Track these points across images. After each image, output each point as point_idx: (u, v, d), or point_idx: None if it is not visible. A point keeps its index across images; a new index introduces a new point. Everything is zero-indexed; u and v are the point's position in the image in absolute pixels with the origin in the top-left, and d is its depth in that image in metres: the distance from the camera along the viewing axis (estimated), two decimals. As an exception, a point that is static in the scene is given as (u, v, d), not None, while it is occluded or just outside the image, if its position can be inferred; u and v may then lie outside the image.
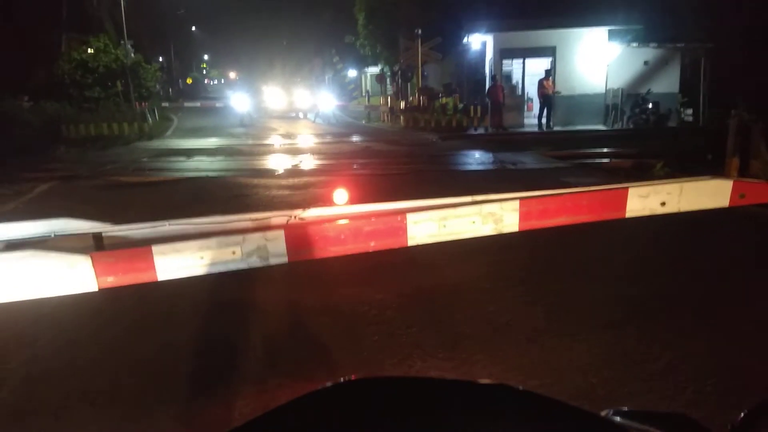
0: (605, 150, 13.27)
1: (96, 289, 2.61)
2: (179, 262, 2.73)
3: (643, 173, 9.30)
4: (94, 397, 2.94)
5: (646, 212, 3.14)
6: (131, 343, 3.61)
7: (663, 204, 3.12)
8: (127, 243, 3.06)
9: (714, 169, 8.03)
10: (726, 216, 4.68)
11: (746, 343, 3.41)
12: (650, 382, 2.97)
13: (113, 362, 3.34)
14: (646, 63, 19.40)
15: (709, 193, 3.21)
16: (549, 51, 19.40)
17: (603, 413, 0.75)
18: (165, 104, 29.57)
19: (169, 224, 3.15)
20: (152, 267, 2.69)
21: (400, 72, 24.92)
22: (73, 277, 2.59)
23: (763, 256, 5.28)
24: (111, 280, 2.67)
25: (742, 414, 0.75)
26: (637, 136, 15.75)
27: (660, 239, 5.54)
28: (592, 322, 3.71)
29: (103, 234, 3.02)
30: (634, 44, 18.98)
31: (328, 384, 0.66)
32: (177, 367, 3.24)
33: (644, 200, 3.15)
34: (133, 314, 3.99)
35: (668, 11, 17.93)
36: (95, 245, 2.98)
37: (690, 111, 19.25)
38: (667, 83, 19.39)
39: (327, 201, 3.33)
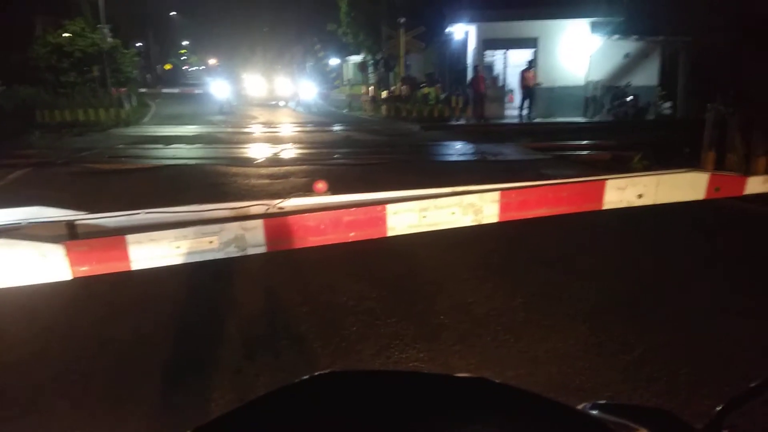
0: (585, 142, 13.38)
1: (70, 278, 2.57)
2: (155, 251, 2.69)
3: (622, 165, 9.40)
4: (67, 387, 2.90)
5: (624, 204, 3.18)
6: (105, 332, 3.55)
7: (640, 196, 3.16)
8: (102, 232, 3.00)
9: (691, 162, 8.16)
10: (702, 208, 4.76)
11: (720, 335, 3.48)
12: (624, 373, 3.01)
13: (87, 352, 3.29)
14: (626, 56, 19.57)
15: (685, 186, 3.26)
16: (531, 42, 19.45)
17: (580, 406, 0.75)
18: (143, 90, 29.10)
19: (145, 213, 3.10)
20: (127, 256, 2.65)
21: (382, 61, 24.80)
22: (46, 265, 2.54)
23: (737, 248, 5.38)
24: (85, 269, 2.62)
25: (717, 409, 0.75)
26: (616, 129, 15.91)
27: (636, 231, 5.61)
28: (568, 313, 3.75)
29: (77, 222, 2.97)
30: (616, 37, 19.11)
31: (305, 377, 0.65)
32: (152, 357, 3.20)
33: (622, 192, 3.18)
34: (107, 304, 3.93)
35: (649, 4, 18.07)
36: (69, 234, 2.93)
37: (668, 104, 19.49)
38: (647, 76, 19.59)
39: (307, 190, 3.31)
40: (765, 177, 3.36)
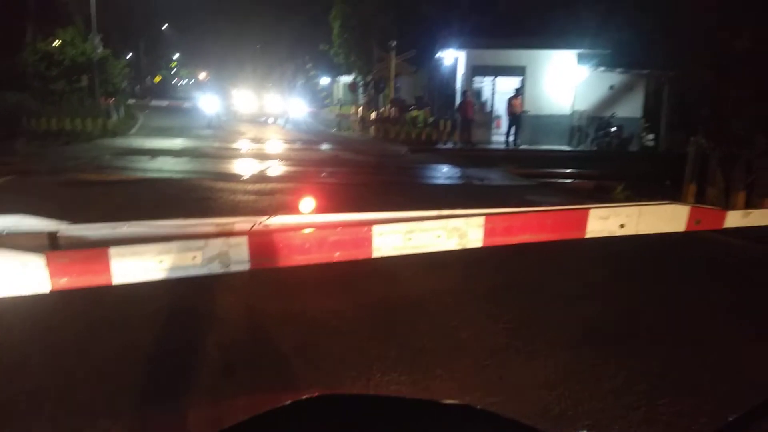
0: (569, 170, 13.56)
1: (49, 291, 2.52)
2: (137, 265, 2.66)
3: (604, 195, 9.54)
4: (42, 402, 2.83)
5: (606, 233, 3.21)
6: (83, 348, 3.49)
7: (622, 226, 3.19)
8: (84, 243, 2.96)
9: (672, 194, 8.30)
10: (682, 240, 4.83)
11: (699, 364, 3.51)
12: (604, 401, 3.02)
13: (64, 367, 3.23)
14: (611, 87, 19.98)
15: (666, 218, 3.30)
16: (519, 70, 19.79)
17: None
18: (131, 101, 28.98)
19: (129, 226, 3.07)
20: (109, 269, 2.61)
21: (372, 82, 25.03)
22: (25, 276, 2.49)
23: (716, 279, 5.46)
24: (65, 282, 2.57)
25: None
26: (599, 158, 16.16)
27: (618, 260, 5.67)
28: (550, 340, 3.77)
29: (59, 233, 2.92)
30: (601, 68, 19.52)
31: (293, 400, 0.65)
32: (129, 374, 3.15)
33: (604, 222, 3.22)
34: (86, 318, 3.86)
35: (635, 38, 18.51)
36: (50, 244, 2.88)
37: (651, 136, 19.89)
38: (631, 108, 20.00)
39: (293, 208, 3.31)
40: (744, 211, 3.42)
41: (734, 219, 3.39)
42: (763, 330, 4.11)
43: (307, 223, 3.22)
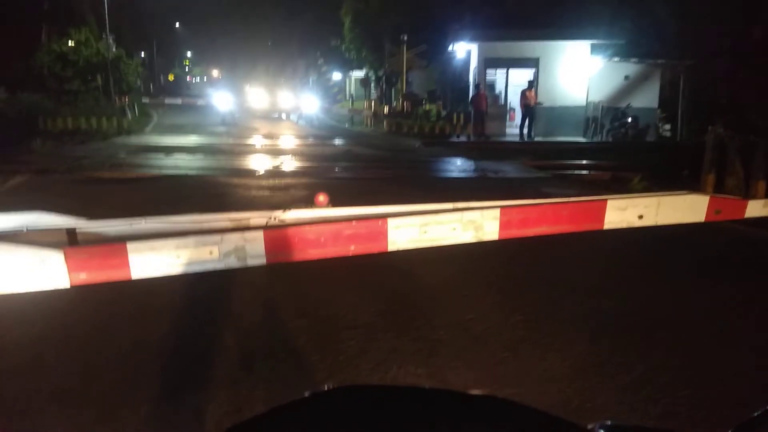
0: (585, 162, 13.44)
1: (68, 286, 2.55)
2: (155, 260, 2.68)
3: (622, 186, 9.43)
4: (62, 396, 2.87)
5: (624, 225, 3.18)
6: (102, 341, 3.53)
7: (640, 217, 3.16)
8: (102, 239, 2.99)
9: (690, 185, 8.18)
10: (702, 230, 4.77)
11: (718, 357, 3.47)
12: (623, 394, 2.99)
13: (83, 361, 3.27)
14: (626, 78, 19.72)
15: (685, 208, 3.26)
16: (532, 62, 19.61)
17: (590, 426, 0.75)
18: (145, 100, 29.23)
19: (146, 221, 3.09)
20: (126, 264, 2.64)
21: (384, 77, 24.99)
22: (44, 272, 2.53)
23: (737, 271, 5.38)
24: (83, 277, 2.60)
25: None
26: (616, 150, 15.98)
27: (637, 252, 5.61)
28: (568, 332, 3.74)
29: (77, 229, 2.96)
30: (616, 59, 19.28)
31: (306, 393, 0.65)
32: (148, 367, 3.18)
33: (622, 213, 3.18)
34: (105, 312, 3.91)
35: (650, 28, 18.26)
36: (69, 240, 2.92)
37: (668, 126, 19.62)
38: (647, 98, 19.73)
39: (308, 203, 3.31)
40: (765, 200, 3.36)
41: (755, 208, 3.33)
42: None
43: (322, 217, 3.22)
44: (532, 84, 18.99)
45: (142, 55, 41.35)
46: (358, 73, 31.89)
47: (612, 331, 3.80)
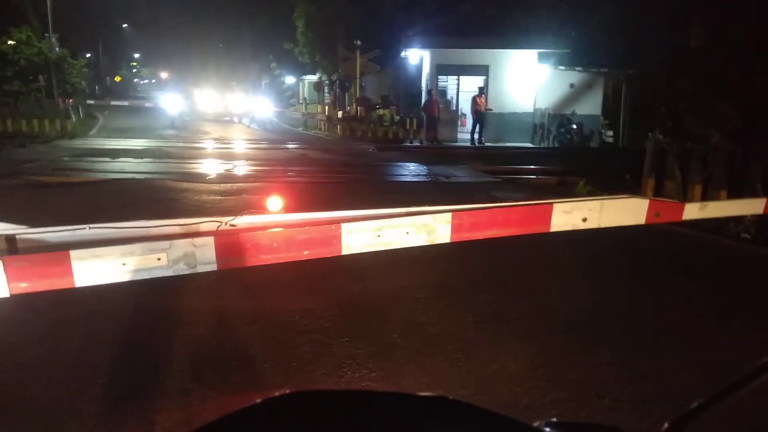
0: (532, 167, 13.78)
1: (7, 295, 2.45)
2: (100, 267, 2.60)
3: (567, 190, 9.73)
4: (1, 412, 2.75)
5: (569, 227, 3.28)
6: (45, 352, 3.39)
7: (585, 220, 3.27)
8: (44, 247, 2.89)
9: (632, 189, 8.51)
10: (642, 232, 4.97)
11: (661, 354, 3.62)
12: (571, 391, 3.09)
13: (23, 374, 3.13)
14: (571, 85, 20.38)
15: (627, 211, 3.39)
16: (482, 69, 20.01)
17: (536, 424, 0.77)
18: (90, 102, 28.20)
19: (90, 228, 3.00)
20: (70, 272, 2.55)
21: (338, 81, 24.96)
22: (-19, 281, 2.41)
23: (675, 271, 5.63)
24: (24, 286, 2.50)
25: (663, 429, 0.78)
26: (561, 155, 16.48)
27: (582, 253, 5.79)
28: (518, 333, 3.83)
29: (17, 237, 2.84)
30: (561, 67, 19.89)
31: (258, 400, 0.64)
32: (94, 379, 3.08)
33: (567, 216, 3.29)
34: (47, 322, 3.75)
35: (593, 37, 18.92)
36: (8, 249, 2.80)
37: (611, 133, 20.36)
38: (591, 106, 20.44)
39: (260, 208, 3.28)
40: (701, 204, 3.54)
41: (691, 211, 3.50)
42: (722, 318, 4.27)
43: (275, 222, 3.20)
44: (482, 90, 19.37)
45: (88, 56, 39.92)
46: (312, 77, 31.76)
47: (560, 330, 3.92)
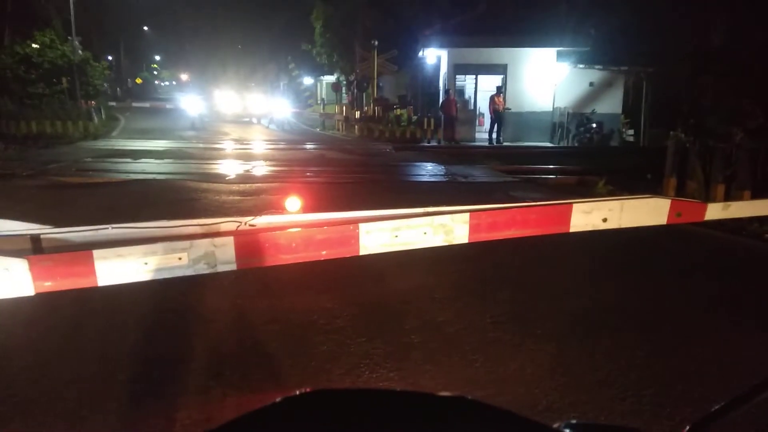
0: (551, 166, 13.67)
1: (32, 294, 2.50)
2: (122, 267, 2.65)
3: (587, 190, 9.63)
4: (26, 408, 2.80)
5: (589, 228, 3.26)
6: (68, 350, 3.46)
7: (605, 220, 3.24)
8: (67, 246, 2.94)
9: (653, 188, 8.41)
10: (664, 233, 4.91)
11: (682, 356, 3.57)
12: (590, 393, 3.06)
13: (48, 371, 3.19)
14: (591, 84, 20.17)
15: (648, 211, 3.35)
16: (501, 68, 19.91)
17: (556, 426, 0.77)
18: (112, 104, 28.65)
19: (112, 228, 3.05)
20: (93, 272, 2.60)
21: (355, 82, 25.01)
22: (8, 280, 2.47)
23: (698, 272, 5.55)
24: (49, 285, 2.55)
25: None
26: (581, 154, 16.31)
27: (602, 254, 5.73)
28: (536, 333, 3.80)
29: (42, 236, 2.90)
30: (580, 66, 19.71)
31: (277, 399, 0.65)
32: (116, 376, 3.13)
33: (587, 216, 3.26)
34: (71, 321, 3.83)
35: (613, 35, 18.72)
36: (33, 248, 2.86)
37: (632, 131, 20.13)
38: (611, 104, 20.21)
39: (279, 208, 3.30)
40: (724, 204, 3.49)
41: (714, 211, 3.45)
42: (743, 320, 4.19)
43: (294, 222, 3.22)
44: (501, 90, 19.27)
45: (110, 58, 40.53)
46: (330, 78, 31.88)
47: (579, 331, 3.89)
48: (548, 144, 19.63)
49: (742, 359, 3.41)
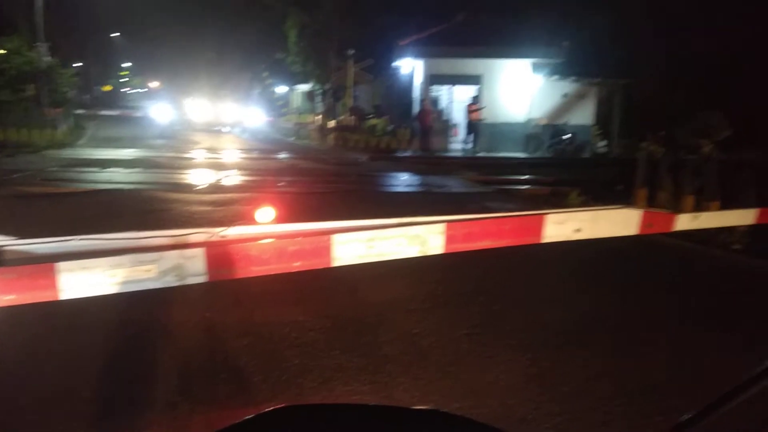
0: (525, 177, 13.82)
1: (-8, 308, 2.39)
2: (88, 279, 2.56)
3: (560, 200, 9.75)
4: (-17, 428, 2.68)
5: (562, 238, 3.27)
6: (31, 366, 3.33)
7: (578, 230, 3.26)
8: (31, 259, 2.84)
9: (624, 199, 8.53)
10: (635, 243, 4.97)
11: (653, 365, 3.60)
12: (564, 404, 3.06)
13: (9, 388, 3.07)
14: (565, 95, 20.50)
15: (619, 222, 3.39)
16: (476, 79, 20.11)
17: None
18: (80, 111, 28.09)
19: (78, 239, 2.95)
20: (57, 285, 2.51)
21: (330, 91, 25.01)
22: (-35, 294, 2.36)
23: (667, 281, 5.63)
24: (11, 298, 2.45)
25: None
26: (555, 165, 16.54)
27: (575, 264, 5.78)
28: (511, 344, 3.80)
29: (5, 248, 2.79)
30: (555, 77, 20.02)
31: (247, 415, 0.62)
32: (81, 392, 3.02)
33: (560, 227, 3.28)
34: (34, 335, 3.69)
35: (586, 48, 19.10)
36: (-7, 260, 2.74)
37: (604, 143, 20.50)
38: (584, 115, 20.56)
39: (251, 219, 3.25)
40: (693, 214, 3.54)
41: (684, 222, 3.50)
42: (714, 329, 4.26)
43: (266, 233, 3.16)
44: (476, 100, 19.46)
45: (78, 65, 39.77)
46: (304, 87, 31.77)
47: (553, 342, 3.90)
48: (522, 155, 19.85)
49: (713, 368, 3.45)
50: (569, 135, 19.49)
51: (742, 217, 3.97)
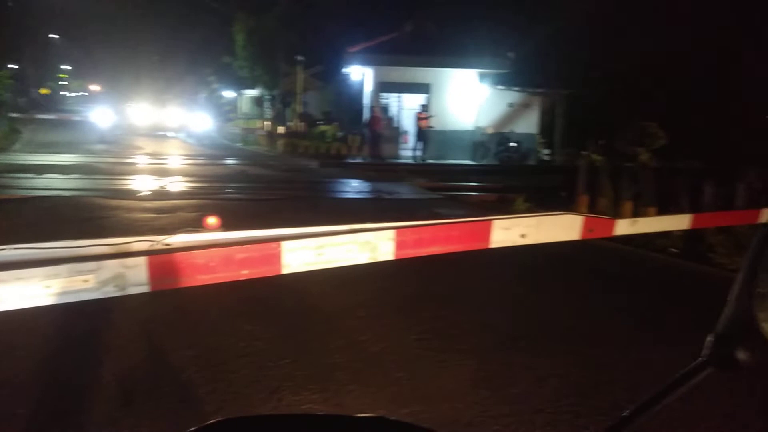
0: (473, 184, 14.07)
1: None
2: (21, 291, 2.43)
3: (506, 206, 9.97)
4: None
5: (509, 243, 3.34)
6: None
7: (523, 236, 3.33)
8: (-43, 269, 2.67)
9: (567, 205, 8.81)
10: (579, 247, 5.13)
11: (596, 365, 3.72)
12: (511, 406, 3.11)
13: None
14: (510, 105, 21.02)
15: (563, 227, 3.49)
16: (424, 87, 20.36)
17: None
18: (14, 115, 26.78)
19: (12, 248, 2.80)
20: (-14, 297, 2.37)
21: (279, 97, 24.77)
22: None
23: (608, 283, 5.84)
24: (-67, 313, 2.30)
25: None
26: (501, 172, 16.91)
27: (521, 269, 5.92)
28: (459, 349, 3.85)
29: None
30: (500, 87, 20.50)
31: (191, 429, 0.60)
32: (14, 409, 2.85)
33: (507, 232, 3.34)
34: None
35: (530, 59, 19.68)
36: None
37: (548, 151, 21.13)
38: (528, 124, 21.14)
39: (196, 226, 3.16)
40: (631, 220, 3.69)
41: (623, 227, 3.64)
42: (653, 328, 4.44)
43: (212, 241, 3.09)
44: (425, 108, 19.69)
45: (12, 67, 37.89)
46: (252, 92, 31.31)
47: (500, 345, 3.97)
48: (470, 162, 20.21)
49: (652, 366, 3.59)
50: (515, 143, 19.99)
51: (678, 222, 4.16)
